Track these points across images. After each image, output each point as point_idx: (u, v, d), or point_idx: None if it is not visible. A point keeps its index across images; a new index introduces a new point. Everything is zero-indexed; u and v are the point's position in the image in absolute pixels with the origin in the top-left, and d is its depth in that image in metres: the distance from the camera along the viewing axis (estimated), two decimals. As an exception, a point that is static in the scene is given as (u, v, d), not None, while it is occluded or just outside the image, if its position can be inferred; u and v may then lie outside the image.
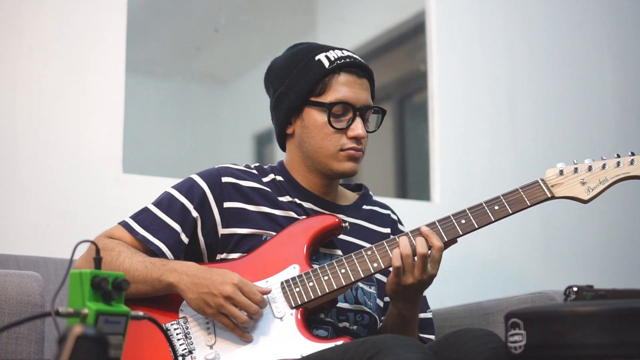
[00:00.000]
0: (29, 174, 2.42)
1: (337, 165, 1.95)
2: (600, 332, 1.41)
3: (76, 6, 2.56)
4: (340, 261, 1.85)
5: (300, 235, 1.90)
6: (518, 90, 3.30)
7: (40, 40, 2.50)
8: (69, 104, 2.51)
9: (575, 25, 3.51)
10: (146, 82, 2.89)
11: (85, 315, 1.29)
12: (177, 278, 1.79)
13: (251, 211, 1.95)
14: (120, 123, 2.57)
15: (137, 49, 2.73)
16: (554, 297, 2.21)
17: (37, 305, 1.80)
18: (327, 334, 1.90)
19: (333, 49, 1.99)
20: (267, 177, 2.03)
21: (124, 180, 2.54)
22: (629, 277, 3.35)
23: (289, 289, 1.83)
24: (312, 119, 1.95)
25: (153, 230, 1.90)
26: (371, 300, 1.98)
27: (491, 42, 3.29)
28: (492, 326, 2.32)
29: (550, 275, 3.18)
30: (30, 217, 2.40)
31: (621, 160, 1.88)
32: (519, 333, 1.49)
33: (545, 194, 1.86)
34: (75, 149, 2.49)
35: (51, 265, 2.23)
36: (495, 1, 3.31)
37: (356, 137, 1.93)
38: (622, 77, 3.55)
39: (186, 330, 1.81)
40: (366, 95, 1.97)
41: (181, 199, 1.94)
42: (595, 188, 1.87)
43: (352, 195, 2.12)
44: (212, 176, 1.98)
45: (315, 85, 1.94)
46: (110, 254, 1.84)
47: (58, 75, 2.51)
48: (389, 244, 1.85)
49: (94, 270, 1.32)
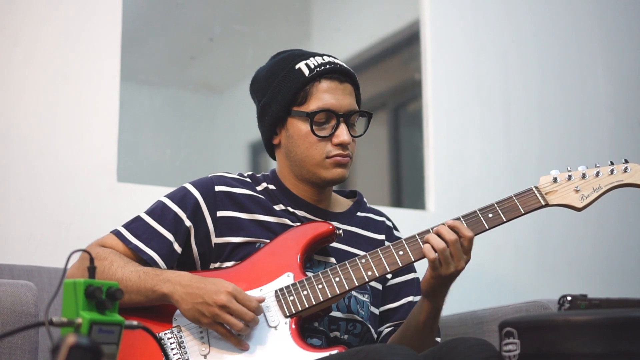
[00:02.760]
0: (22, 183, 2.42)
1: (325, 173, 1.94)
2: (594, 342, 1.41)
3: (71, 15, 2.56)
4: (335, 269, 1.84)
5: (294, 243, 1.89)
6: (512, 99, 3.30)
7: (35, 49, 2.50)
8: (64, 113, 2.51)
9: (569, 34, 3.52)
10: (141, 91, 2.89)
11: (78, 324, 1.28)
12: (171, 288, 1.78)
13: (245, 219, 1.95)
14: (115, 132, 2.56)
15: (132, 58, 2.73)
16: (549, 306, 2.21)
17: (31, 314, 1.79)
18: (321, 342, 1.89)
19: (314, 56, 1.97)
20: (261, 186, 2.02)
21: (119, 189, 2.54)
22: (623, 286, 3.35)
23: (283, 298, 1.83)
24: (296, 128, 1.94)
25: (145, 239, 1.90)
26: (364, 309, 1.97)
27: (485, 51, 3.30)
28: (486, 335, 2.31)
29: (544, 284, 3.18)
30: (24, 226, 2.40)
31: (615, 167, 1.87)
32: (513, 342, 1.49)
33: (539, 202, 1.86)
34: (69, 158, 2.49)
35: (45, 274, 2.23)
36: (489, 11, 3.32)
37: (341, 143, 1.92)
38: (615, 85, 3.56)
39: (180, 339, 1.81)
40: (350, 100, 1.95)
41: (174, 208, 1.93)
42: (589, 196, 1.86)
43: (346, 202, 2.11)
44: (206, 185, 1.97)
45: (296, 94, 1.93)
46: (103, 263, 1.83)
47: (52, 85, 2.50)
48: (383, 252, 1.85)
49: (87, 279, 1.32)
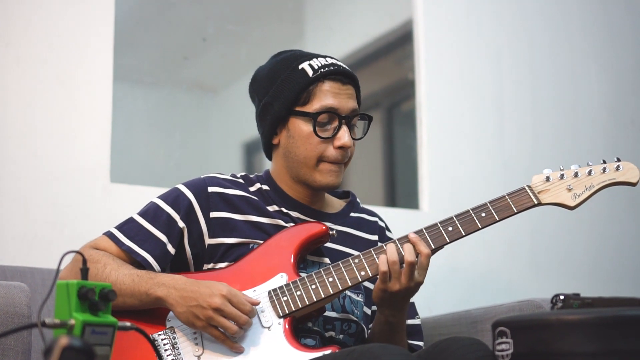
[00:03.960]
0: (15, 184, 2.41)
1: (320, 178, 1.94)
2: (587, 341, 1.41)
3: (63, 16, 2.55)
4: (328, 269, 1.84)
5: (288, 244, 1.89)
6: (505, 98, 3.31)
7: (28, 50, 2.49)
8: (57, 113, 2.50)
9: (562, 33, 3.52)
10: (134, 91, 2.88)
11: (71, 326, 1.28)
12: (166, 292, 1.78)
13: (238, 220, 1.95)
14: (108, 132, 2.56)
15: (125, 59, 2.73)
16: (542, 305, 2.21)
17: (24, 316, 1.79)
18: (315, 343, 1.89)
19: (317, 57, 1.98)
20: (254, 187, 2.02)
21: (112, 189, 2.53)
22: (616, 285, 3.36)
23: (276, 298, 1.83)
24: (297, 129, 1.94)
25: (139, 241, 1.89)
26: (358, 308, 1.98)
27: (479, 50, 3.30)
28: (480, 334, 2.32)
29: (537, 283, 3.19)
30: (17, 227, 2.39)
31: (607, 166, 1.88)
32: (506, 342, 1.50)
33: (531, 201, 1.86)
34: (62, 159, 2.48)
35: (38, 275, 2.22)
36: (482, 10, 3.33)
37: (342, 146, 1.92)
38: (607, 84, 3.56)
39: (173, 340, 1.81)
40: (352, 102, 1.96)
41: (167, 209, 1.93)
42: (582, 194, 1.86)
43: (339, 202, 2.11)
44: (199, 186, 1.97)
45: (299, 94, 1.93)
46: (96, 266, 1.83)
47: (46, 85, 2.50)
48: (376, 252, 1.85)
49: (80, 280, 1.32)
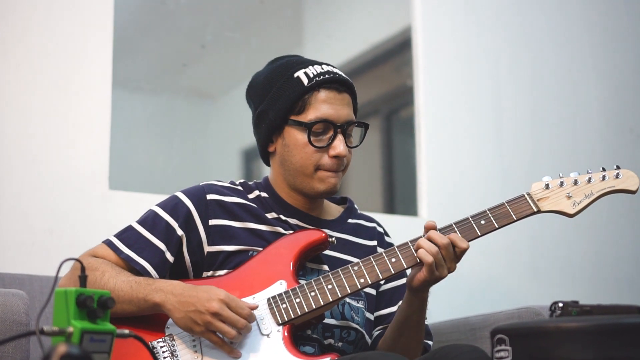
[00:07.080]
0: (14, 191, 2.41)
1: (317, 185, 1.94)
2: (585, 348, 1.41)
3: (62, 23, 2.56)
4: (327, 277, 1.84)
5: (287, 251, 1.89)
6: (504, 105, 3.31)
7: (27, 57, 2.49)
8: (56, 120, 2.50)
9: (560, 40, 3.53)
10: (133, 98, 2.89)
11: (70, 333, 1.28)
12: (163, 298, 1.77)
13: (237, 228, 1.95)
14: (107, 139, 2.56)
15: (124, 65, 2.73)
16: (541, 312, 2.21)
17: (22, 323, 1.79)
18: (313, 350, 1.89)
19: (313, 64, 1.97)
20: (252, 194, 2.02)
21: (110, 196, 2.53)
22: (615, 293, 3.36)
23: (275, 306, 1.82)
24: (292, 138, 1.94)
25: (137, 249, 1.89)
26: (359, 315, 1.97)
27: (477, 57, 3.30)
28: (479, 342, 2.32)
29: (536, 291, 3.19)
30: (15, 234, 2.39)
31: (606, 174, 1.88)
32: (505, 349, 1.50)
33: (531, 209, 1.86)
34: (61, 166, 2.48)
35: (37, 283, 2.22)
36: (480, 17, 3.33)
37: (337, 155, 1.91)
38: (607, 91, 3.57)
39: (172, 347, 1.80)
40: (347, 110, 1.95)
41: (166, 217, 1.93)
42: (581, 202, 1.86)
43: (337, 209, 2.11)
44: (197, 194, 1.97)
45: (294, 103, 1.92)
46: (95, 274, 1.82)
47: (45, 92, 2.50)
48: (375, 259, 1.84)
49: (79, 288, 1.32)
